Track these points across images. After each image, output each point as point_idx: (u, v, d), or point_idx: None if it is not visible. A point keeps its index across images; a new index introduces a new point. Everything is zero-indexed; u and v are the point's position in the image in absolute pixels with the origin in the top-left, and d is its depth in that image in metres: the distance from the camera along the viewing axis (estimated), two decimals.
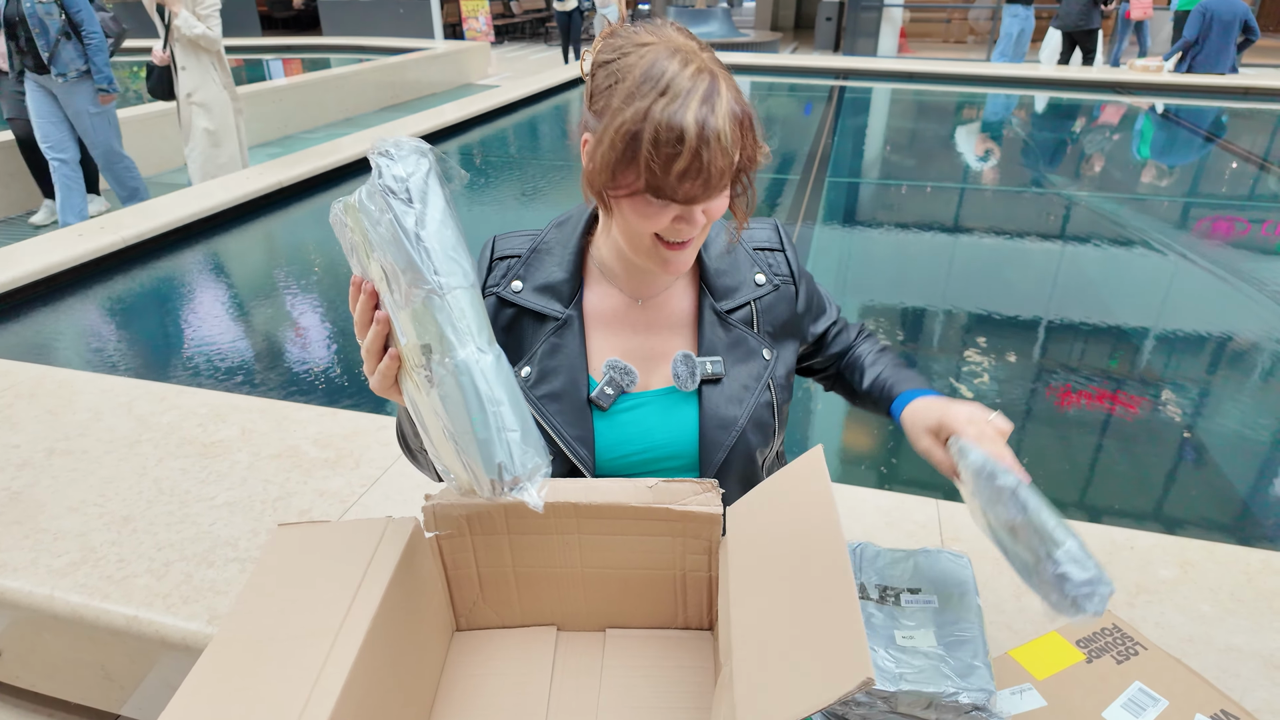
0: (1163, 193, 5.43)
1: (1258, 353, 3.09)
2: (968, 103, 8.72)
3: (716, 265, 1.02)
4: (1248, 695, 1.18)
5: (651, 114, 0.76)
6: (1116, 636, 1.25)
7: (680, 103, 0.76)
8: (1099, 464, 2.39)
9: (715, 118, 0.76)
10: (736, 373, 1.01)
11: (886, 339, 3.16)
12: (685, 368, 1.00)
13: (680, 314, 1.03)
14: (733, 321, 1.02)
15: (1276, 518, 2.14)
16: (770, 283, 1.04)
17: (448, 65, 10.17)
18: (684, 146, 0.76)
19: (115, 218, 3.92)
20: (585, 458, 0.99)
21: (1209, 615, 1.33)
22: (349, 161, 5.14)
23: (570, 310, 1.00)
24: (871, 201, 5.26)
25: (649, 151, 0.76)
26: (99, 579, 1.42)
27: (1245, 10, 7.84)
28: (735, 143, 0.79)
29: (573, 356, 0.99)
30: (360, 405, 2.65)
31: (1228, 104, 7.99)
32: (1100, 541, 1.50)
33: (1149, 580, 1.41)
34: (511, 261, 1.03)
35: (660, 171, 0.77)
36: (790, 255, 1.08)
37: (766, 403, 1.02)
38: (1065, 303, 3.54)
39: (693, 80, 0.77)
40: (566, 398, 0.99)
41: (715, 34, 13.26)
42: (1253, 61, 10.99)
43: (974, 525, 1.58)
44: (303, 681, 0.67)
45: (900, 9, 12.46)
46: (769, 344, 1.04)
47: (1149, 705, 1.12)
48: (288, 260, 3.97)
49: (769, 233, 1.09)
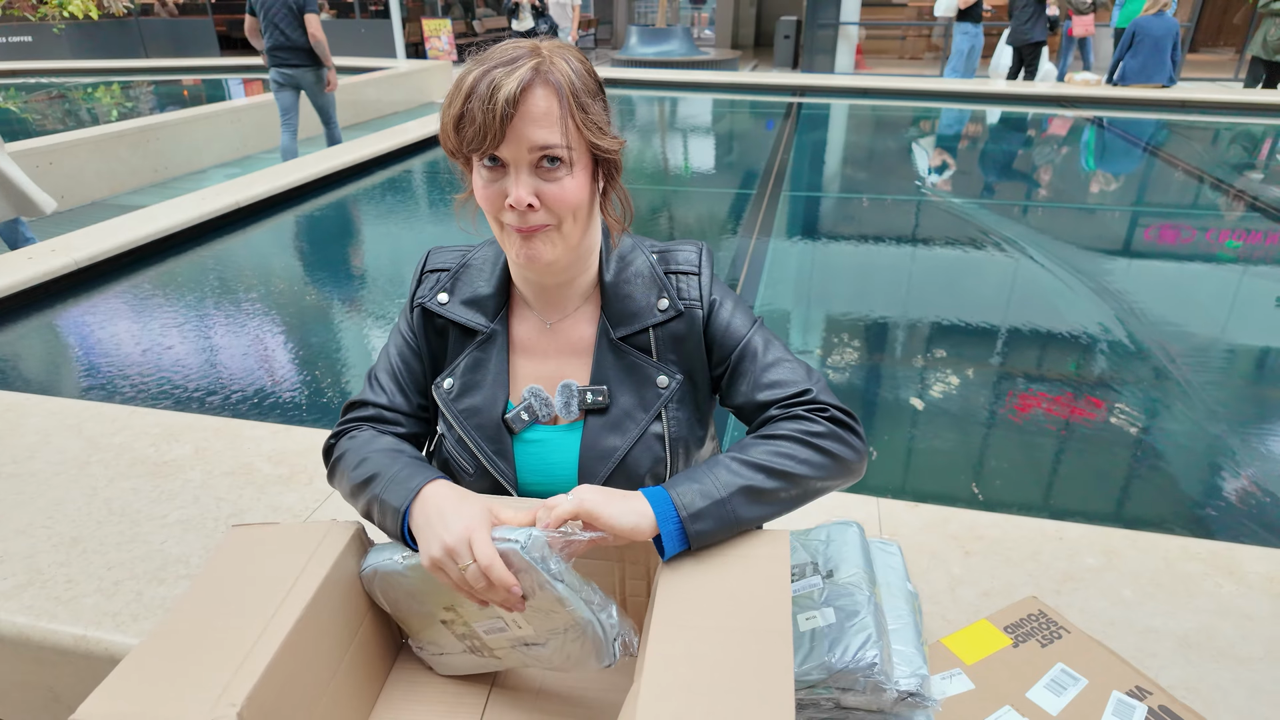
0: (1095, 200, 5.64)
1: (1180, 351, 3.23)
2: (921, 116, 8.96)
3: (616, 290, 0.99)
4: (1163, 672, 1.24)
5: (457, 80, 0.85)
6: (1042, 622, 1.31)
7: (479, 67, 0.83)
8: (1035, 461, 2.48)
9: (504, 76, 0.82)
10: (624, 401, 0.99)
11: (832, 392, 3.23)
12: (562, 398, 0.99)
13: (582, 340, 1.02)
14: (627, 348, 0.99)
15: (1196, 505, 2.25)
16: (674, 307, 0.99)
17: (409, 84, 10.18)
18: (459, 95, 0.83)
19: (66, 240, 3.87)
20: (507, 473, 1.00)
21: (1130, 600, 1.40)
22: (306, 181, 5.13)
23: (494, 325, 1.01)
24: (826, 214, 5.38)
25: (443, 110, 0.86)
26: (46, 599, 1.41)
27: (1175, 29, 8.20)
28: (538, 107, 0.82)
29: (494, 374, 1.00)
30: (318, 422, 2.65)
31: (1166, 116, 8.32)
32: (1030, 533, 1.57)
33: (1075, 568, 1.47)
34: (441, 275, 1.04)
35: (449, 125, 0.85)
36: (703, 279, 1.01)
37: (657, 433, 0.99)
38: (993, 309, 3.67)
39: (503, 54, 0.84)
40: (485, 414, 1.00)
41: (676, 52, 13.44)
42: (1191, 75, 11.45)
43: (911, 523, 1.64)
44: (229, 665, 0.70)
45: (856, 27, 12.77)
46: (668, 370, 1.00)
47: (1070, 684, 1.18)
48: (244, 281, 3.95)
49: (689, 254, 1.03)
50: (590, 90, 0.87)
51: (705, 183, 6.29)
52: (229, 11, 16.78)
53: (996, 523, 1.61)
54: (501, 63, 0.83)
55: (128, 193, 5.88)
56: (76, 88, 11.14)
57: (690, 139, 8.36)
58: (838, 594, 1.12)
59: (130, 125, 6.08)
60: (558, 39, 1.07)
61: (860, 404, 2.80)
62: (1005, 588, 1.42)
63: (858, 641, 1.03)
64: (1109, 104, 8.59)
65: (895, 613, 1.19)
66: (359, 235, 4.80)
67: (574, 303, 1.01)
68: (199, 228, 4.34)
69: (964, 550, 1.52)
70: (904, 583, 1.27)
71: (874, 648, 1.03)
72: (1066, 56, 10.48)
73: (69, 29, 14.10)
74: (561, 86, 0.84)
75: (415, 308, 1.04)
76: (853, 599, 1.11)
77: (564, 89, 0.84)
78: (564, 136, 0.84)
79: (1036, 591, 1.42)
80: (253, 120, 7.42)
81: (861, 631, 1.05)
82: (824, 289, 4.02)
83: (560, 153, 0.84)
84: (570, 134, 0.85)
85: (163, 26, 15.47)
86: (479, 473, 1.00)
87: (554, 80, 0.83)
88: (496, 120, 0.81)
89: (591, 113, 0.86)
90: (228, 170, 6.62)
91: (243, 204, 4.62)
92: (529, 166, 0.85)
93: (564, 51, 0.87)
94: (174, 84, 11.53)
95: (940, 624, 1.34)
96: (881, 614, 1.13)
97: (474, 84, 0.82)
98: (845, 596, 1.12)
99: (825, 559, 1.22)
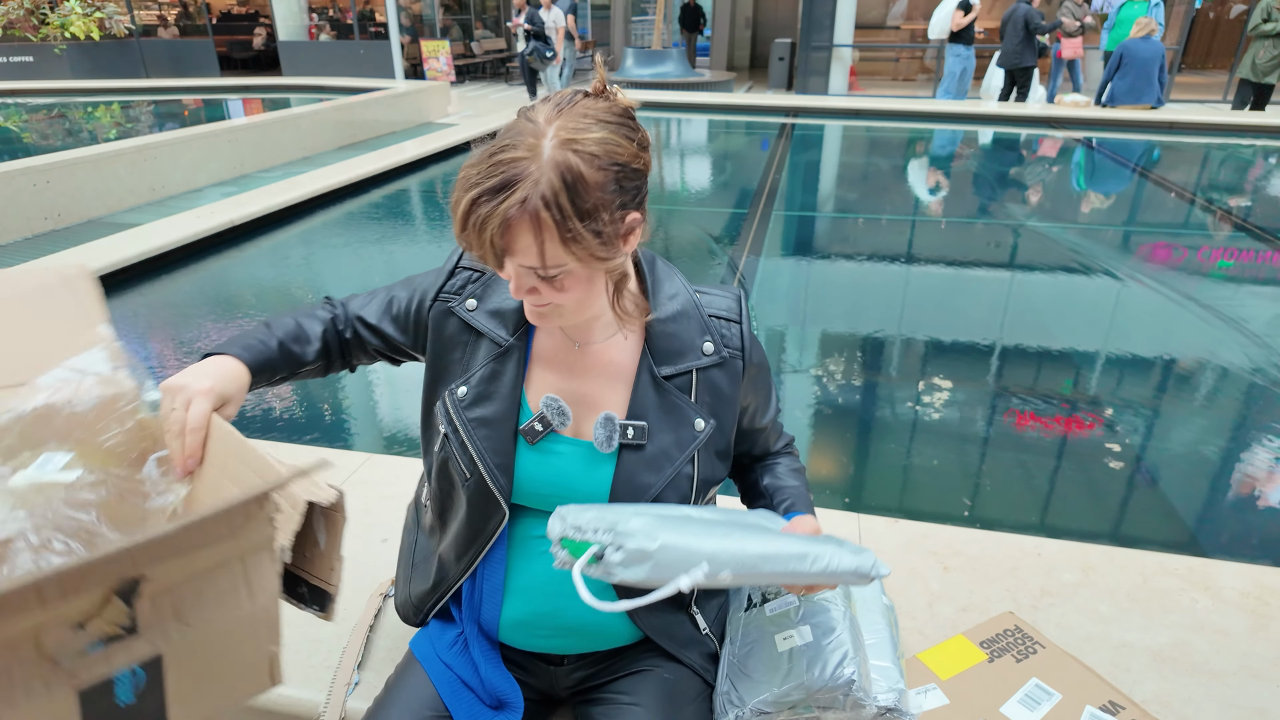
0: (1080, 219, 5.69)
1: (1165, 367, 3.25)
2: (914, 137, 9.05)
3: (663, 328, 0.99)
4: (1137, 687, 1.25)
5: (458, 182, 0.83)
6: (1018, 637, 1.32)
7: (467, 192, 0.81)
8: (1017, 478, 2.49)
9: (489, 211, 0.80)
10: (662, 439, 0.99)
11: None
12: (604, 430, 0.98)
13: (619, 367, 1.01)
14: (669, 387, 0.99)
15: (1175, 521, 2.26)
16: (718, 353, 1.00)
17: (407, 105, 10.26)
18: (456, 215, 0.82)
19: (59, 259, 3.89)
20: (503, 485, 1.00)
21: (1106, 615, 1.41)
22: (300, 200, 5.17)
23: (514, 339, 1.01)
24: (818, 234, 5.42)
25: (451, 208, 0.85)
26: None
27: (1162, 52, 8.32)
28: (522, 242, 0.81)
29: (509, 386, 1.00)
30: (319, 441, 2.66)
31: (1155, 137, 8.41)
32: (1009, 549, 1.58)
33: (1053, 584, 1.48)
34: (472, 275, 1.04)
35: (458, 233, 0.84)
36: (745, 329, 1.03)
37: (688, 475, 1.00)
38: (984, 327, 3.69)
39: (496, 167, 0.80)
40: (495, 425, 1.00)
41: (671, 74, 13.57)
42: (1181, 98, 11.58)
43: (890, 539, 1.66)
44: None
45: (850, 49, 12.92)
46: (705, 414, 1.01)
47: (1044, 699, 1.19)
48: (236, 298, 3.96)
49: (729, 302, 1.04)
50: (589, 208, 0.80)
51: (699, 202, 6.34)
52: (229, 32, 16.99)
53: (976, 539, 1.62)
54: (488, 190, 0.79)
55: (124, 211, 5.91)
56: (76, 107, 11.23)
57: (685, 159, 8.44)
58: (814, 611, 1.13)
59: (128, 144, 6.12)
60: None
61: (837, 419, 2.81)
62: (983, 603, 1.43)
63: (835, 659, 1.04)
64: (1098, 125, 8.69)
65: (871, 627, 1.20)
66: (353, 253, 4.83)
67: (605, 331, 1.01)
68: (193, 246, 4.36)
69: (943, 566, 1.53)
70: (879, 596, 1.28)
71: (851, 664, 1.04)
72: (1056, 79, 10.61)
73: (70, 49, 14.22)
74: (546, 219, 0.79)
75: (439, 303, 1.04)
76: (828, 615, 1.12)
77: (550, 221, 0.79)
78: (555, 259, 0.82)
79: (1014, 607, 1.43)
80: (250, 140, 7.47)
81: (839, 649, 1.05)
82: (812, 306, 4.05)
83: (552, 271, 0.83)
84: (562, 256, 0.82)
85: (163, 47, 15.61)
86: (475, 479, 1.00)
87: (539, 212, 0.79)
88: (489, 253, 0.82)
89: (582, 238, 0.81)
90: (224, 189, 6.66)
91: (237, 222, 4.65)
92: (527, 273, 0.85)
93: (569, 154, 0.80)
94: (174, 104, 11.63)
95: (917, 639, 1.34)
96: (858, 629, 1.13)
97: (465, 213, 0.81)
98: (821, 614, 1.12)
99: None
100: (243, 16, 17.69)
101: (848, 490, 2.37)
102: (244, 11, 17.85)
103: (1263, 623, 1.38)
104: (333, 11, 15.99)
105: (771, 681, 1.05)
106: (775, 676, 1.05)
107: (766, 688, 1.04)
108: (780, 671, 1.06)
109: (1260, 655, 1.31)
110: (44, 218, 5.30)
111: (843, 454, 2.61)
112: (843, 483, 2.43)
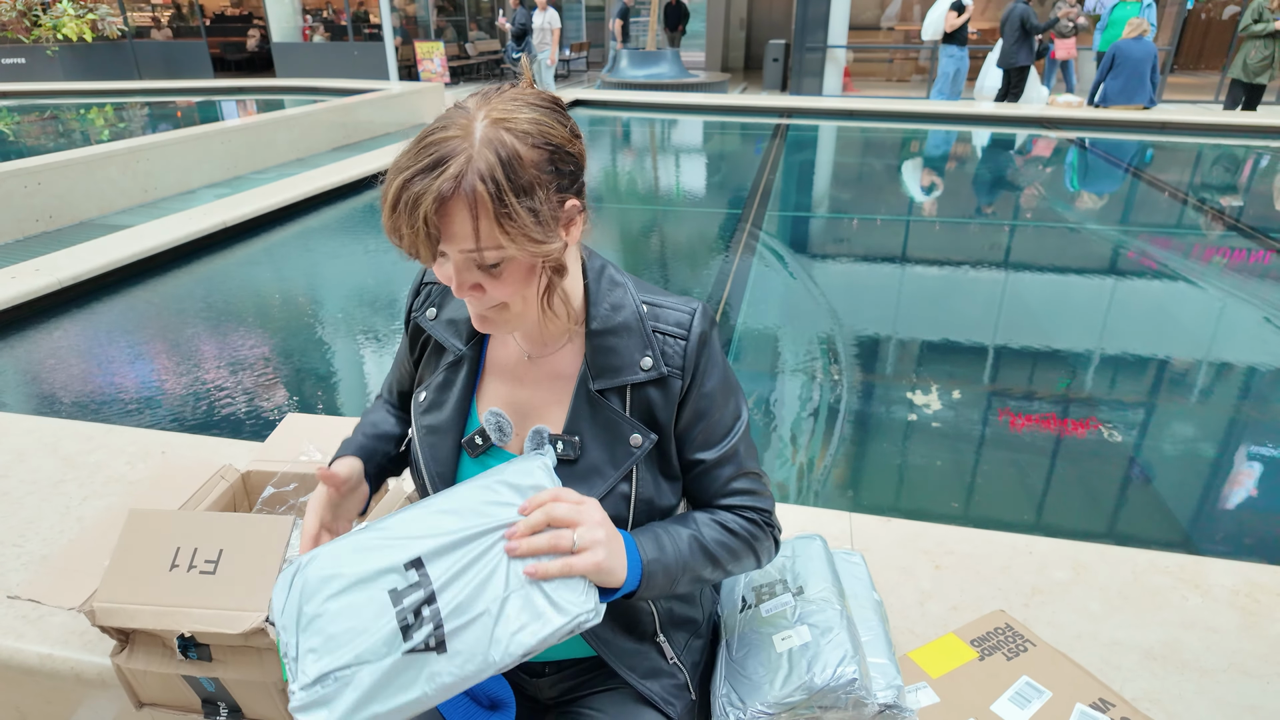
0: (1072, 218, 5.70)
1: (1158, 365, 3.26)
2: (908, 138, 9.06)
3: (602, 341, 0.94)
4: (1128, 685, 1.25)
5: (390, 171, 0.80)
6: (1008, 635, 1.32)
7: (398, 175, 0.78)
8: (1009, 477, 2.49)
9: (422, 189, 0.76)
10: (594, 455, 0.95)
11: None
12: (533, 444, 0.97)
13: (561, 379, 0.98)
14: (603, 401, 0.95)
15: (1166, 519, 2.27)
16: (656, 369, 0.93)
17: (401, 106, 10.26)
18: (385, 203, 0.79)
19: (51, 260, 3.87)
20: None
21: (1097, 613, 1.41)
22: (293, 201, 5.16)
23: (467, 349, 1.00)
24: (812, 234, 5.43)
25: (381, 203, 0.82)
26: (14, 619, 1.40)
27: (1154, 53, 8.37)
28: (457, 222, 0.77)
29: (457, 396, 1.00)
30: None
31: (1147, 137, 8.45)
32: (1001, 547, 1.58)
33: (1044, 582, 1.48)
34: (432, 289, 1.06)
35: (386, 228, 0.81)
36: (691, 347, 0.94)
37: (624, 493, 0.95)
38: (977, 327, 3.70)
39: (430, 149, 0.77)
40: (441, 434, 1.00)
41: (665, 75, 13.56)
42: (1173, 98, 11.63)
43: (883, 538, 1.66)
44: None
45: (844, 50, 12.94)
46: (643, 430, 0.95)
47: (1034, 697, 1.19)
48: (227, 300, 3.95)
49: (681, 315, 0.96)
50: (525, 184, 0.78)
51: (692, 203, 6.34)
52: (223, 34, 16.95)
53: (968, 537, 1.62)
54: (421, 169, 0.76)
55: (116, 213, 5.89)
56: (69, 109, 11.18)
57: (679, 160, 8.44)
58: (810, 611, 1.13)
59: (120, 146, 6.11)
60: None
61: (830, 417, 2.81)
62: (974, 602, 1.43)
63: (835, 658, 1.04)
64: (1091, 125, 8.72)
65: (866, 624, 1.20)
66: (343, 255, 4.82)
67: (559, 340, 0.98)
68: (185, 247, 4.35)
69: (934, 564, 1.53)
70: (870, 592, 1.28)
71: (852, 663, 1.04)
72: (1049, 79, 10.65)
73: (63, 51, 14.17)
74: (481, 193, 0.76)
75: (410, 319, 1.07)
76: (825, 614, 1.12)
77: (486, 197, 0.76)
78: (490, 239, 0.79)
79: (1006, 605, 1.43)
80: (243, 141, 7.45)
81: (839, 648, 1.05)
82: (806, 306, 4.05)
83: (490, 256, 0.80)
84: (499, 238, 0.78)
85: (157, 49, 15.56)
86: (421, 487, 1.02)
87: (475, 187, 0.76)
88: (420, 239, 0.77)
89: (518, 216, 0.78)
90: (217, 190, 6.64)
91: (229, 223, 4.63)
92: (466, 262, 0.82)
93: (501, 131, 0.78)
94: (167, 105, 11.59)
95: (909, 638, 1.34)
96: (854, 627, 1.13)
97: (396, 196, 0.77)
98: (818, 613, 1.12)
99: (793, 575, 1.23)
100: (236, 18, 17.64)
101: (840, 489, 2.37)
102: (238, 13, 17.80)
103: (1253, 620, 1.39)
104: (327, 13, 15.96)
105: (772, 683, 1.04)
106: (775, 678, 1.05)
107: (768, 690, 1.04)
108: (780, 673, 1.05)
109: (1250, 652, 1.32)
110: (36, 219, 5.29)
111: (835, 452, 2.61)
112: (835, 481, 2.43)
